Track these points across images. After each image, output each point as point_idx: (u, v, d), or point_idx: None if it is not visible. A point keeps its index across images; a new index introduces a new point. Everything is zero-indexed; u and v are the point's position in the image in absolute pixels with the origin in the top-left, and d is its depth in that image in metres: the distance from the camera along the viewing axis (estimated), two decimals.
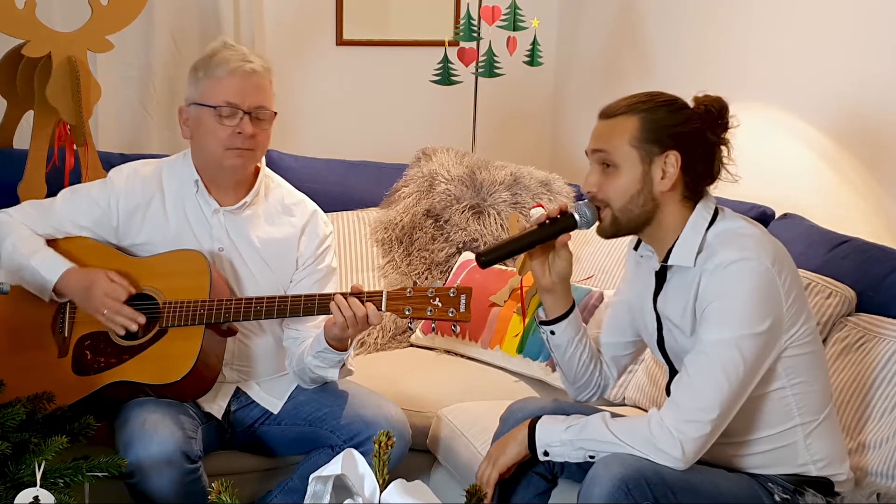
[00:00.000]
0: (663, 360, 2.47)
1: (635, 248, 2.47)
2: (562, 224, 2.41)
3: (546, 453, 2.36)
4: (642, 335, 2.53)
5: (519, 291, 3.31)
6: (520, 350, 3.31)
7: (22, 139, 3.49)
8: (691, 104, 2.32)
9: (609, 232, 2.38)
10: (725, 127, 2.32)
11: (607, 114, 2.36)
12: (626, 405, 3.14)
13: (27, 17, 3.17)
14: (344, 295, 2.61)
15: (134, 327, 2.68)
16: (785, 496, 2.31)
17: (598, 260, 3.43)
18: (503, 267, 3.55)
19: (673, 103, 2.32)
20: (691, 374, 2.25)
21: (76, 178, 3.25)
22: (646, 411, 3.04)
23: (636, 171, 2.29)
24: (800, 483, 2.33)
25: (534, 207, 3.46)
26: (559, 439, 2.34)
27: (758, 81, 3.47)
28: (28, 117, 3.42)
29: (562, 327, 2.52)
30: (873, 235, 3.00)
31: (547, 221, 2.42)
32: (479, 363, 3.40)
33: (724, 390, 2.22)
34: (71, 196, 2.87)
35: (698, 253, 2.29)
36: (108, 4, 3.26)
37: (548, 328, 2.53)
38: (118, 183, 2.84)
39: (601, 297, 3.18)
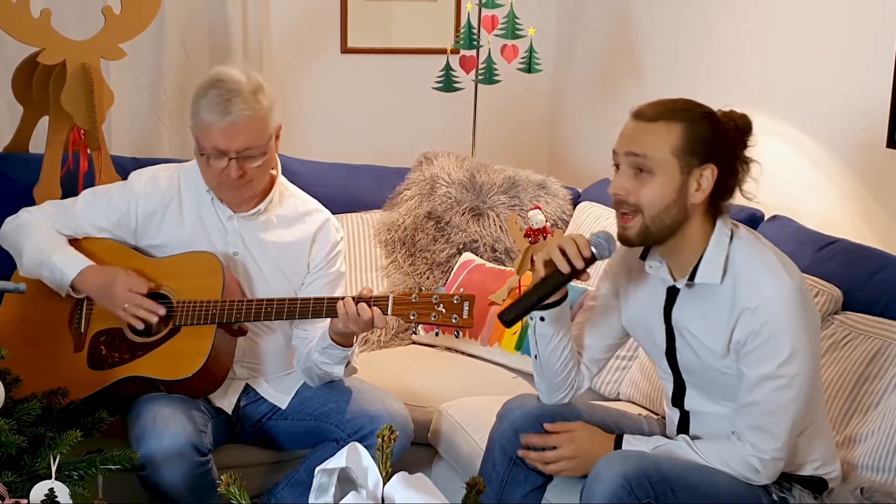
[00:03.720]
0: (670, 371, 2.40)
1: (642, 257, 2.36)
2: (584, 269, 2.29)
3: None
4: (642, 344, 2.48)
5: (518, 290, 3.31)
6: (518, 347, 3.31)
7: (38, 144, 3.49)
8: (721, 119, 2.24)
9: (636, 241, 2.25)
10: (747, 146, 2.25)
11: (645, 116, 2.21)
12: (620, 400, 3.14)
13: (43, 26, 3.18)
14: (353, 298, 2.62)
15: (154, 319, 2.68)
16: (782, 495, 2.30)
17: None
18: (502, 267, 3.55)
19: (712, 115, 2.22)
20: (768, 411, 2.22)
21: (90, 182, 3.25)
22: (643, 406, 3.04)
23: (674, 181, 2.19)
24: (793, 481, 2.32)
25: (531, 210, 3.45)
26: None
27: (748, 88, 3.47)
28: (43, 123, 3.42)
29: (552, 314, 2.39)
30: (859, 236, 3.00)
31: (568, 272, 2.27)
32: (479, 360, 3.39)
33: (791, 416, 2.22)
34: (92, 198, 2.87)
35: (724, 271, 2.23)
36: (120, 14, 3.26)
37: (539, 313, 2.39)
38: (138, 187, 2.83)
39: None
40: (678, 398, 2.42)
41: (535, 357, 2.49)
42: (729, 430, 2.30)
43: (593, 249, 2.26)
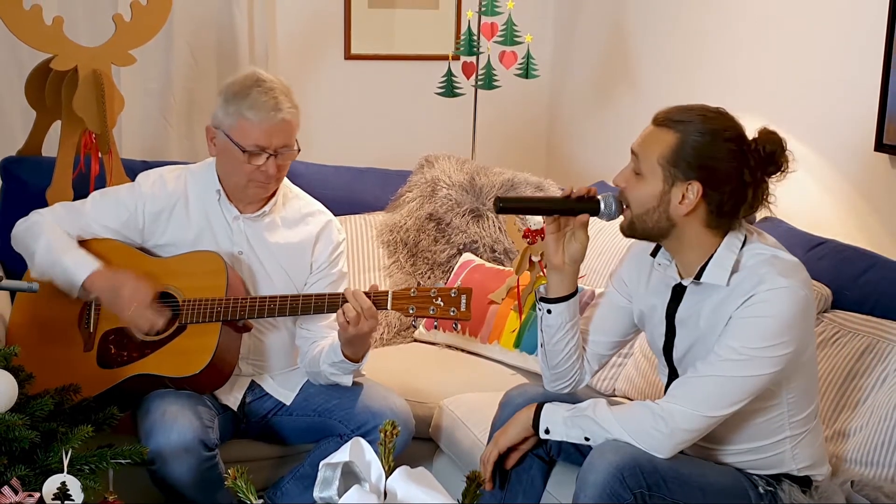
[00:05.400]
0: (666, 366, 2.40)
1: (652, 254, 2.36)
2: (586, 205, 2.30)
3: (547, 431, 2.32)
4: (647, 338, 2.47)
5: (516, 290, 3.31)
6: (517, 345, 3.31)
7: (50, 147, 3.49)
8: (753, 134, 2.18)
9: (626, 232, 2.28)
10: (777, 170, 2.19)
11: (657, 119, 2.21)
12: (615, 396, 3.14)
13: (55, 33, 3.18)
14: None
15: (151, 331, 2.67)
16: (769, 488, 2.29)
17: (589, 260, 3.42)
18: (501, 267, 3.55)
19: (721, 132, 2.16)
20: (701, 373, 2.20)
21: (101, 184, 3.25)
22: None
23: (656, 187, 2.18)
24: (780, 478, 2.31)
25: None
26: (561, 417, 2.30)
27: (741, 94, 3.47)
28: (56, 127, 3.42)
29: (560, 308, 2.40)
30: (848, 237, 3.00)
31: (573, 196, 2.30)
32: (479, 357, 3.40)
33: (728, 398, 2.17)
34: (101, 199, 2.87)
35: (732, 272, 2.20)
36: (130, 21, 3.26)
37: (546, 306, 2.41)
38: (145, 188, 2.84)
39: (593, 295, 3.18)
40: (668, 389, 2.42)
41: (541, 345, 2.49)
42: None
43: (601, 199, 2.28)
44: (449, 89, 3.99)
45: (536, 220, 3.35)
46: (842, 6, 3.08)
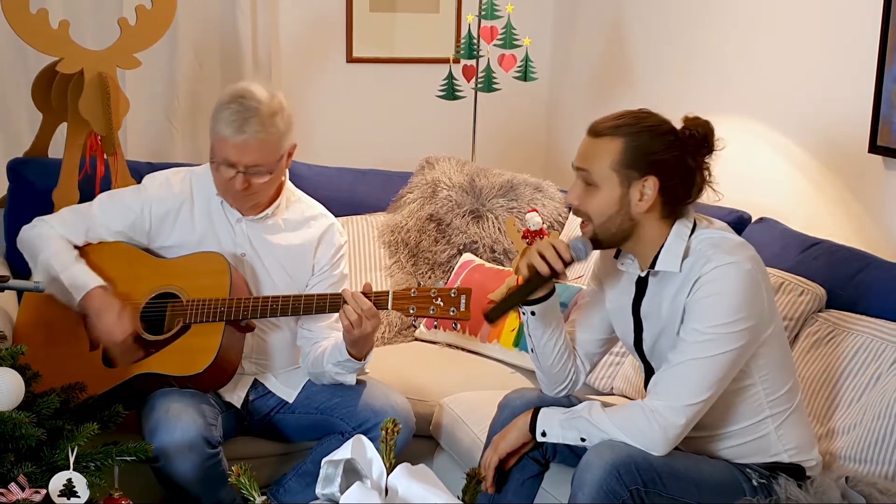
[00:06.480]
0: (640, 361, 2.45)
1: (615, 257, 2.42)
2: (564, 269, 2.33)
3: (544, 434, 2.34)
4: (619, 335, 2.51)
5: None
6: (516, 344, 3.31)
7: (56, 149, 3.50)
8: (680, 124, 2.26)
9: (593, 245, 2.33)
10: (710, 150, 2.27)
11: (594, 132, 2.30)
12: (613, 394, 3.14)
13: (61, 36, 3.18)
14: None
15: (116, 364, 2.68)
16: (762, 481, 2.30)
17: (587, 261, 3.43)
18: (500, 267, 3.55)
19: (657, 128, 2.25)
20: (674, 364, 2.24)
21: (106, 185, 3.26)
22: (633, 400, 3.04)
23: (615, 193, 2.25)
24: (774, 469, 2.33)
25: (529, 212, 3.46)
26: (557, 420, 2.33)
27: (736, 96, 3.47)
28: (62, 129, 3.43)
29: (540, 309, 2.42)
30: (842, 238, 3.00)
31: (549, 273, 2.33)
32: (478, 356, 3.40)
33: (705, 380, 2.21)
34: (107, 202, 2.87)
35: (683, 258, 2.26)
36: (136, 25, 3.26)
37: (528, 308, 2.43)
38: (151, 190, 2.84)
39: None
40: (647, 384, 2.43)
41: (532, 351, 2.52)
42: None
43: (572, 253, 2.32)
44: (450, 92, 3.99)
45: (536, 221, 3.35)
46: (836, 9, 3.08)
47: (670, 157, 2.24)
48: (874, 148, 2.94)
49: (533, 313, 2.44)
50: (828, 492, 2.28)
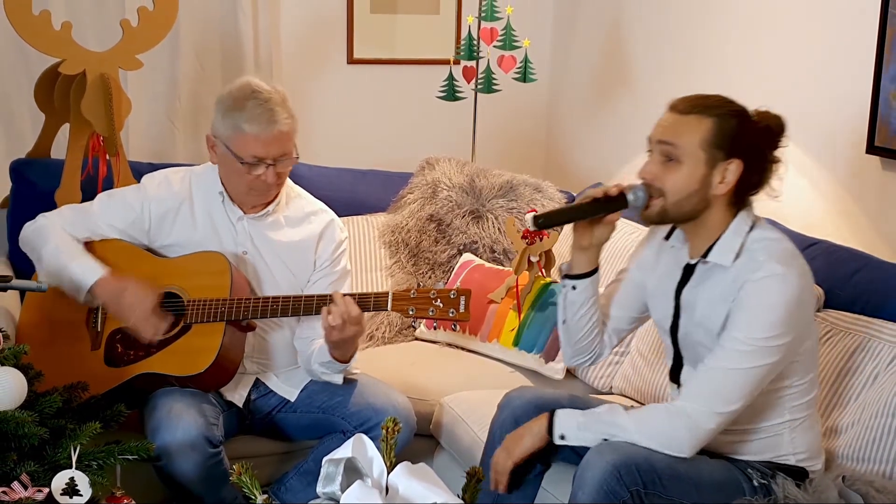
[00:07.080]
0: (671, 345, 2.41)
1: (666, 238, 2.39)
2: (617, 204, 2.31)
3: (563, 437, 2.31)
4: (652, 316, 2.49)
5: (515, 289, 3.31)
6: (515, 343, 3.31)
7: (59, 150, 3.50)
8: (753, 117, 2.26)
9: (655, 220, 2.30)
10: (778, 146, 2.27)
11: (680, 109, 2.25)
12: (612, 393, 3.14)
13: (64, 37, 3.18)
14: (351, 295, 2.63)
15: (154, 338, 2.66)
16: (763, 481, 2.30)
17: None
18: (500, 267, 3.55)
19: (744, 113, 2.25)
20: (710, 367, 2.21)
21: (108, 186, 3.26)
22: (634, 400, 3.05)
23: (699, 171, 2.22)
24: (775, 469, 2.32)
25: (528, 212, 3.45)
26: (576, 422, 2.30)
27: (736, 96, 3.44)
28: (64, 130, 3.43)
29: (584, 284, 2.43)
30: (840, 238, 3.00)
31: (602, 198, 2.32)
32: (479, 355, 3.40)
33: (740, 390, 2.19)
34: (108, 200, 2.87)
35: (737, 255, 2.24)
36: (137, 27, 3.26)
37: (570, 282, 2.44)
38: (151, 189, 2.84)
39: None
40: (675, 373, 2.42)
41: (563, 322, 2.51)
42: None
43: (629, 195, 2.28)
44: (450, 93, 3.99)
45: None
46: (835, 9, 3.08)
47: (755, 144, 2.23)
48: (872, 148, 2.95)
49: (574, 287, 2.44)
50: (825, 491, 2.28)
